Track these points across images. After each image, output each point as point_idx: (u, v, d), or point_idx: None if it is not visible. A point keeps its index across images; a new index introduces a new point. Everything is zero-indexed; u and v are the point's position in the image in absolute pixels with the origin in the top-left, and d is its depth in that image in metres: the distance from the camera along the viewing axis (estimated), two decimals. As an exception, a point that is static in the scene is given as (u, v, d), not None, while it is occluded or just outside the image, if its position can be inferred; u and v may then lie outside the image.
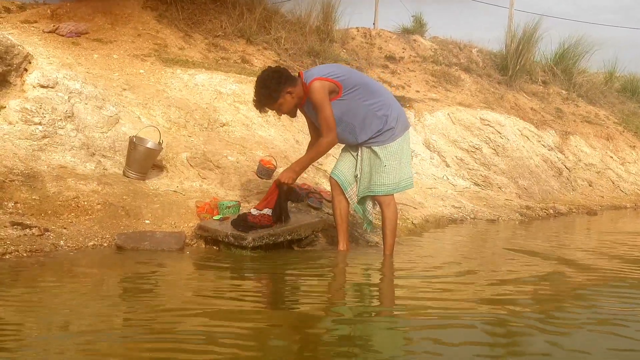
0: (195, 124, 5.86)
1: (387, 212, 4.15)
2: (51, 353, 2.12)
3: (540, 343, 2.47)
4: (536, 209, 7.77)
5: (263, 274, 3.73)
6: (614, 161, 11.20)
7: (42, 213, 3.97)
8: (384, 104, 4.10)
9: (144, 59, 6.81)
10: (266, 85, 3.89)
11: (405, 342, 2.46)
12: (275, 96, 3.88)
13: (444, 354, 2.29)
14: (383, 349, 2.34)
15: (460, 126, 9.04)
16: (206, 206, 4.49)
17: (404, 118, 4.24)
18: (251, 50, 8.55)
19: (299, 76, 3.98)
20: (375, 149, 4.10)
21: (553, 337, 2.54)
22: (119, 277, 3.45)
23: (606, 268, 4.32)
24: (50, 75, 5.00)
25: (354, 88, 3.97)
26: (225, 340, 2.31)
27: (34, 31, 6.63)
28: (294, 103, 3.96)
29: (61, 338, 2.27)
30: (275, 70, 3.98)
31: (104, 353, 2.16)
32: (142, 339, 2.29)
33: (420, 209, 6.29)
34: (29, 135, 4.53)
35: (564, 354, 2.35)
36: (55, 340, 2.25)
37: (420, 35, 12.37)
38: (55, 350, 2.15)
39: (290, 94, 3.90)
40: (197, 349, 2.20)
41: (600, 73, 14.83)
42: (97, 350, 2.17)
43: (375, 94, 4.10)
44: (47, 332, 2.34)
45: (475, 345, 2.42)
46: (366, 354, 2.28)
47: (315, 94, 3.85)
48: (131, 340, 2.29)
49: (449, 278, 3.84)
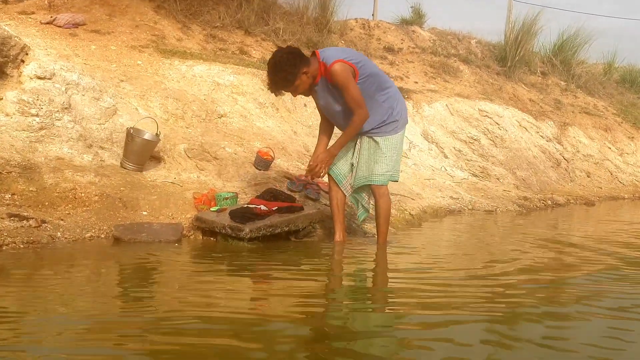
0: (193, 115, 5.86)
1: (382, 202, 4.18)
2: (47, 345, 2.13)
3: (541, 334, 2.49)
4: (534, 199, 7.78)
5: (260, 266, 3.73)
6: (612, 152, 11.21)
7: (39, 205, 3.98)
8: (391, 96, 4.13)
9: (141, 50, 6.79)
10: (283, 68, 3.85)
11: (400, 339, 2.47)
12: (292, 79, 3.87)
13: (437, 348, 2.30)
14: (379, 343, 2.36)
15: (459, 117, 9.04)
16: (203, 197, 4.50)
17: (406, 114, 4.29)
18: (249, 41, 8.54)
19: (313, 55, 3.98)
20: (377, 139, 4.12)
21: (553, 330, 2.56)
22: (116, 269, 3.47)
23: (606, 257, 4.34)
24: (48, 67, 4.99)
25: (368, 76, 3.99)
26: (222, 333, 2.33)
27: (31, 22, 6.61)
28: (309, 83, 3.95)
29: (58, 330, 2.29)
30: (290, 52, 3.94)
31: (101, 345, 2.17)
32: (139, 332, 2.30)
33: (418, 200, 6.29)
34: (26, 127, 4.53)
35: (565, 344, 2.37)
36: (52, 332, 2.26)
37: (419, 26, 12.33)
38: (52, 342, 2.16)
39: (306, 74, 3.89)
40: (194, 342, 2.20)
41: (599, 64, 14.82)
42: (94, 342, 2.18)
43: (385, 85, 4.13)
44: (44, 324, 2.35)
45: (475, 337, 2.43)
46: (365, 348, 2.29)
47: (339, 75, 3.85)
48: (128, 333, 2.30)
49: (444, 267, 3.86)
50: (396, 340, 2.37)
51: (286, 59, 3.87)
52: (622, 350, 2.36)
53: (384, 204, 4.18)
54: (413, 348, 2.28)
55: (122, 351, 2.11)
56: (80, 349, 2.11)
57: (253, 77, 6.97)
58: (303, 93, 4.04)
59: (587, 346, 2.34)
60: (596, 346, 2.34)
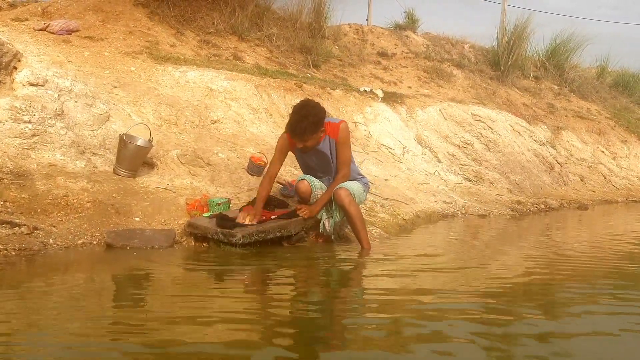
0: (186, 121, 5.87)
1: (351, 209, 4.27)
2: (39, 353, 2.14)
3: (534, 333, 2.51)
4: (527, 203, 7.80)
5: (252, 272, 3.74)
6: (605, 156, 11.25)
7: (31, 211, 3.98)
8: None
9: (135, 57, 6.81)
10: (316, 117, 4.17)
11: (393, 336, 2.49)
12: (316, 129, 4.19)
13: (432, 347, 2.31)
14: (374, 344, 2.37)
15: (452, 122, 9.07)
16: (196, 203, 4.51)
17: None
18: (243, 47, 8.56)
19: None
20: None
21: (547, 328, 2.58)
22: (108, 275, 3.47)
23: (597, 258, 4.37)
24: (40, 73, 5.00)
25: None
26: (214, 340, 2.34)
27: (25, 29, 6.62)
28: (316, 142, 4.28)
29: (50, 338, 2.29)
30: (320, 106, 4.30)
31: (93, 353, 2.17)
32: (131, 340, 2.31)
33: (411, 204, 6.31)
34: (19, 134, 4.53)
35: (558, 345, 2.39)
36: (44, 341, 2.26)
37: (413, 31, 12.37)
38: (44, 351, 2.16)
39: (322, 132, 4.25)
40: (186, 351, 2.20)
41: (593, 68, 14.88)
42: (86, 351, 2.19)
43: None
44: (36, 332, 2.35)
45: (467, 337, 2.44)
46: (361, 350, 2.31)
47: (345, 132, 4.31)
48: (121, 342, 2.30)
49: (435, 268, 3.88)
50: (389, 341, 2.39)
51: (318, 109, 4.23)
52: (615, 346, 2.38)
53: (353, 211, 4.29)
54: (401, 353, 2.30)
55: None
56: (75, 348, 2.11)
57: (246, 82, 6.99)
58: (306, 148, 4.29)
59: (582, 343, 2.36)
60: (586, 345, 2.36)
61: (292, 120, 4.18)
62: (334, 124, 4.32)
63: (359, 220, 4.32)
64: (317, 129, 4.19)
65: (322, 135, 4.26)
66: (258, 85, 7.10)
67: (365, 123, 8.00)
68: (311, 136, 4.19)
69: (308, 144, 4.23)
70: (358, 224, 4.32)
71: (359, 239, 4.35)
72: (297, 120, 4.15)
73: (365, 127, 7.91)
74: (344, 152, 4.33)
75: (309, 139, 4.20)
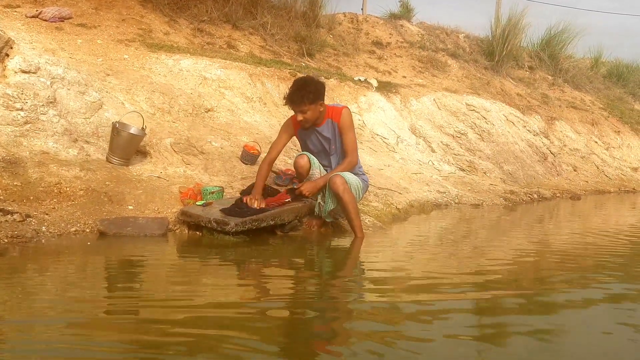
0: (179, 109, 5.85)
1: (345, 196, 4.24)
2: (34, 340, 2.13)
3: (525, 325, 2.53)
4: (520, 193, 7.83)
5: (245, 260, 3.75)
6: (598, 146, 11.30)
7: (23, 199, 3.97)
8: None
9: (128, 44, 6.77)
10: (315, 87, 4.24)
11: (388, 333, 2.50)
12: (314, 98, 4.21)
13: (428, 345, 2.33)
14: (370, 334, 2.38)
15: (446, 112, 9.08)
16: (190, 192, 4.50)
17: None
18: (237, 35, 8.52)
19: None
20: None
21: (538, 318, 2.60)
22: (101, 263, 3.47)
23: (587, 249, 4.39)
24: (32, 61, 4.96)
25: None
26: (208, 326, 2.34)
27: (17, 16, 6.56)
28: (315, 117, 4.29)
29: (44, 325, 2.29)
30: (320, 81, 4.40)
31: (87, 340, 2.17)
32: (125, 328, 2.31)
33: (405, 194, 6.32)
34: (11, 121, 4.51)
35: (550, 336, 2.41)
36: (38, 327, 2.26)
37: (408, 20, 12.33)
38: (38, 337, 2.16)
39: (321, 106, 4.29)
40: (181, 341, 2.19)
41: (587, 59, 14.91)
42: (80, 337, 2.19)
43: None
44: (29, 319, 2.36)
45: (459, 328, 2.46)
46: (358, 342, 2.32)
47: (348, 117, 4.36)
48: (115, 328, 2.30)
49: (428, 257, 3.90)
50: (383, 333, 2.40)
51: (318, 83, 4.32)
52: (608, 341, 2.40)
53: (348, 198, 4.27)
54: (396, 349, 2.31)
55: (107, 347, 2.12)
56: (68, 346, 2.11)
57: (240, 71, 6.97)
58: (306, 122, 4.29)
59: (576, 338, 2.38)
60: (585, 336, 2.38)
61: (292, 89, 4.27)
62: (337, 108, 4.39)
63: (352, 208, 4.31)
64: (316, 100, 4.22)
65: (322, 112, 4.31)
66: (252, 74, 7.08)
67: (360, 112, 8.00)
68: (310, 106, 4.21)
69: (307, 115, 4.24)
70: (352, 212, 4.32)
71: (352, 227, 4.36)
72: (296, 88, 4.24)
73: (359, 117, 7.91)
74: (348, 136, 4.36)
75: (308, 109, 4.22)
